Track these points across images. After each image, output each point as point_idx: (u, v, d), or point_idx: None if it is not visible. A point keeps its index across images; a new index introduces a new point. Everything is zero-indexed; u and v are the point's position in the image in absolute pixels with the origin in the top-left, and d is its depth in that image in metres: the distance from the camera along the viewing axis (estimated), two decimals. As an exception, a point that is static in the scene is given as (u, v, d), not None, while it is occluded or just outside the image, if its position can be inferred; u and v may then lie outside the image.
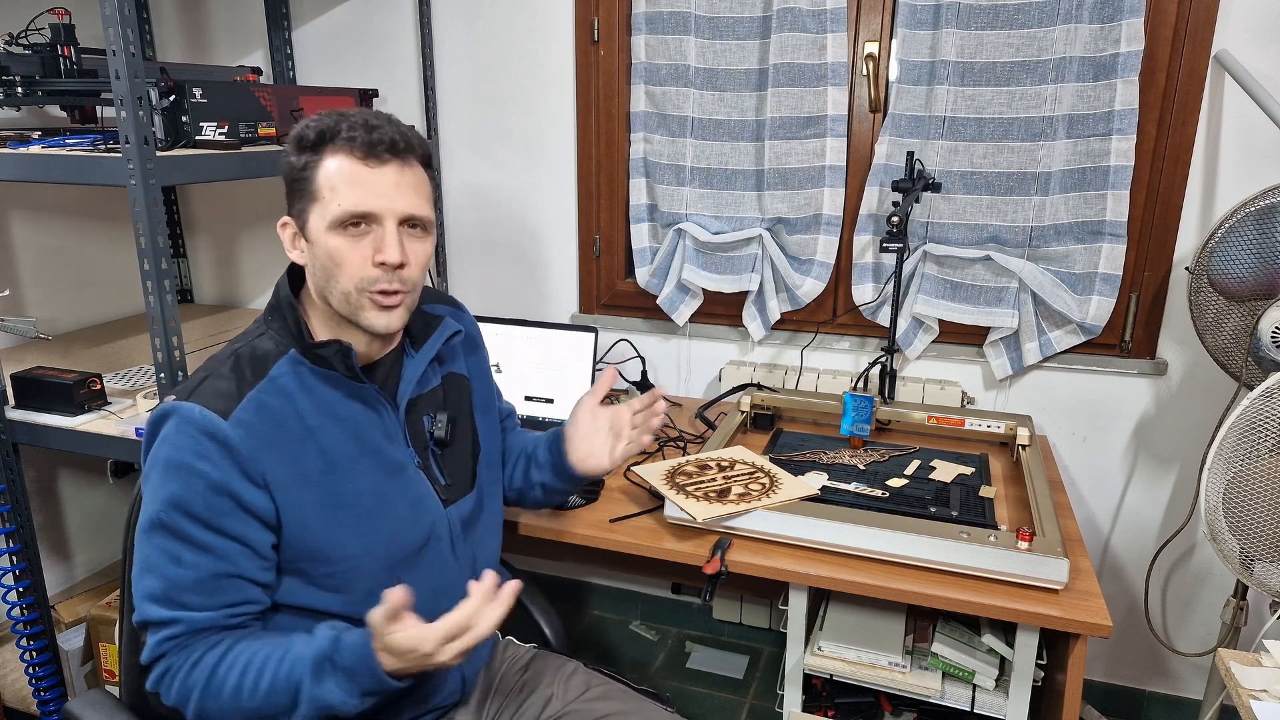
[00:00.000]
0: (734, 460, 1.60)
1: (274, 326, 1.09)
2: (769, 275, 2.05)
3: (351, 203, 1.02)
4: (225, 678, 0.99)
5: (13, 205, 2.11)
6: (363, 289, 1.04)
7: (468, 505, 1.22)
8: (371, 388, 1.09)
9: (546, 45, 2.14)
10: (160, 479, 0.99)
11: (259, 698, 0.98)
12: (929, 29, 1.84)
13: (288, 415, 1.03)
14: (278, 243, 2.53)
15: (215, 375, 1.04)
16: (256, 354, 1.06)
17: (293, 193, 1.07)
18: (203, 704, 0.99)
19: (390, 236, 1.03)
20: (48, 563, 2.19)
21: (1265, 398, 1.31)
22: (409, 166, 1.06)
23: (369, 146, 1.02)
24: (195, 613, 0.99)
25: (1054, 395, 1.97)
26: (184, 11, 2.45)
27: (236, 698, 0.98)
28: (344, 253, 1.03)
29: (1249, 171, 1.75)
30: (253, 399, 1.02)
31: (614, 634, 2.47)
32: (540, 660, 1.32)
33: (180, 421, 0.99)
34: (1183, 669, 2.06)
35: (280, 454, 1.02)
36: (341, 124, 1.03)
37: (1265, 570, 1.36)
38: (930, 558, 1.32)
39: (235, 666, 0.99)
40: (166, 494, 0.98)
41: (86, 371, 1.70)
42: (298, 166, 1.04)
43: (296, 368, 1.05)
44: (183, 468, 0.98)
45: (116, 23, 1.31)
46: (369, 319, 1.06)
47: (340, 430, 1.07)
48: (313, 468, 1.04)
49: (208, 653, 1.00)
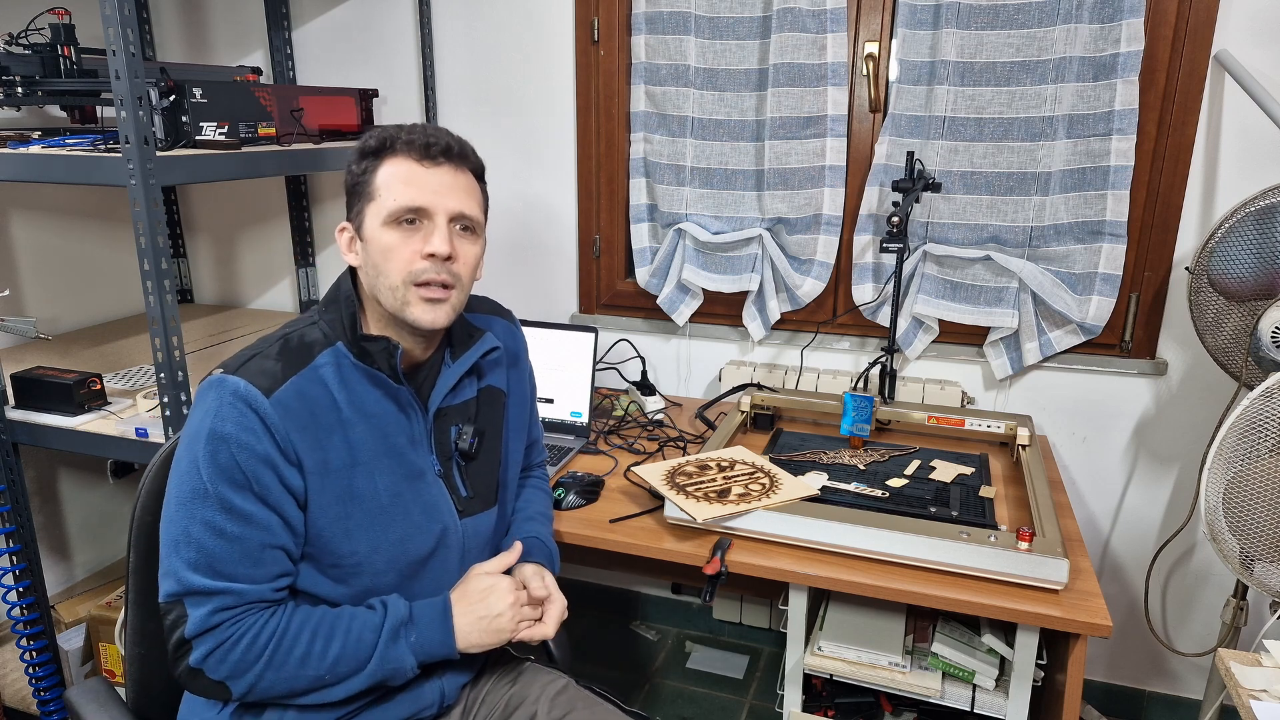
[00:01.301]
0: (734, 460, 1.60)
1: (327, 318, 1.12)
2: (769, 275, 2.05)
3: (406, 198, 1.07)
4: (293, 646, 1.02)
5: (13, 205, 2.11)
6: (409, 281, 1.07)
7: (488, 520, 1.22)
8: (407, 390, 1.11)
9: (546, 45, 2.14)
10: (204, 449, 1.00)
11: (326, 664, 1.02)
12: (929, 29, 1.84)
13: (323, 404, 1.06)
14: (278, 243, 2.54)
15: (263, 355, 1.06)
16: (304, 341, 1.09)
17: (352, 198, 1.12)
18: (262, 675, 1.01)
19: (440, 231, 1.08)
20: (48, 563, 2.19)
21: (1265, 398, 1.31)
22: (462, 172, 1.12)
23: (425, 148, 1.08)
24: (243, 584, 1.01)
25: (1054, 395, 1.97)
26: (184, 11, 2.45)
27: (304, 665, 1.01)
28: (395, 247, 1.07)
29: (1249, 171, 1.75)
30: (294, 383, 1.04)
31: (614, 634, 2.47)
32: (530, 674, 1.28)
33: (226, 394, 1.01)
34: (1183, 669, 2.06)
35: (311, 440, 1.04)
36: (401, 132, 1.10)
37: (1265, 570, 1.36)
38: (930, 558, 1.32)
39: (302, 635, 1.02)
40: (211, 464, 0.99)
41: (86, 371, 1.70)
42: (358, 172, 1.11)
43: (339, 360, 1.08)
44: (228, 439, 0.99)
45: (116, 23, 1.31)
46: (415, 313, 1.08)
47: (368, 427, 1.08)
48: (337, 459, 1.06)
49: (268, 622, 1.02)
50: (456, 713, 1.23)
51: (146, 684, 1.19)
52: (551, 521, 1.39)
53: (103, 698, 1.15)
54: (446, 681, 1.18)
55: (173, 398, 1.49)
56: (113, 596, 2.03)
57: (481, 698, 1.25)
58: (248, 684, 1.01)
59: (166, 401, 1.49)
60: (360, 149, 1.11)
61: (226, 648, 1.00)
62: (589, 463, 1.76)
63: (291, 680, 1.02)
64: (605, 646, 2.43)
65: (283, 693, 1.03)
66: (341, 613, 1.06)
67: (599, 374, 2.09)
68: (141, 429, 1.57)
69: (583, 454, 1.80)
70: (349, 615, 1.06)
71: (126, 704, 1.17)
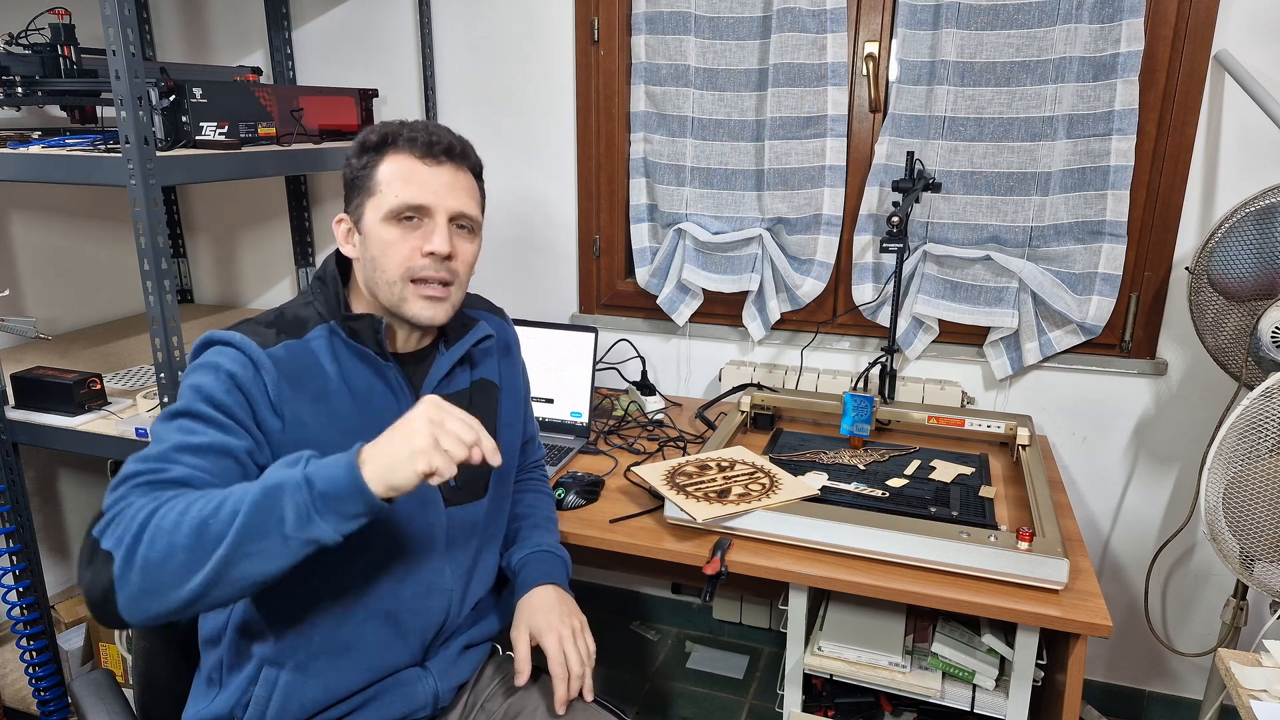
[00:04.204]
0: (734, 460, 1.60)
1: (318, 298, 1.13)
2: (769, 275, 2.05)
3: (408, 195, 1.08)
4: (188, 505, 0.87)
5: (13, 205, 2.11)
6: (407, 277, 1.09)
7: (476, 512, 1.21)
8: (393, 367, 1.12)
9: (546, 45, 2.14)
10: (196, 379, 1.01)
11: (208, 509, 0.86)
12: (929, 29, 1.84)
13: (313, 372, 1.07)
14: (278, 243, 2.54)
15: (256, 322, 1.09)
16: (299, 316, 1.11)
17: (351, 191, 1.13)
18: (147, 530, 0.86)
19: (441, 230, 1.10)
20: (48, 563, 2.19)
21: (1265, 398, 1.31)
22: (462, 172, 1.13)
23: (428, 146, 1.10)
24: (182, 468, 0.93)
25: (1054, 395, 1.97)
26: (184, 11, 2.45)
27: (184, 514, 0.86)
28: (395, 243, 1.09)
29: (1249, 171, 1.75)
30: (287, 346, 1.06)
31: (614, 634, 2.47)
32: (530, 683, 1.24)
33: (221, 344, 1.04)
34: (1183, 669, 2.06)
35: (297, 398, 1.05)
36: (403, 129, 1.10)
37: (1265, 570, 1.36)
38: (930, 558, 1.32)
39: (199, 498, 0.88)
40: (194, 384, 1.00)
41: (86, 371, 1.70)
42: (358, 166, 1.12)
43: (331, 337, 1.10)
44: (216, 368, 1.01)
45: (116, 23, 1.31)
46: (414, 309, 1.10)
47: (354, 402, 1.09)
48: (320, 429, 1.06)
49: (175, 494, 0.90)
50: (453, 716, 1.22)
51: (151, 678, 1.20)
52: (556, 525, 1.39)
53: (104, 690, 1.15)
54: (440, 681, 1.18)
55: (173, 398, 1.49)
56: (113, 596, 2.03)
57: (480, 704, 1.24)
58: (127, 549, 0.85)
59: (166, 401, 1.49)
60: (361, 143, 1.12)
61: (124, 509, 0.89)
62: (589, 463, 1.76)
63: (170, 541, 0.85)
64: (605, 646, 2.40)
65: (162, 576, 0.85)
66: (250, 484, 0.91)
67: (599, 374, 2.08)
68: (141, 429, 1.57)
69: (583, 454, 1.80)
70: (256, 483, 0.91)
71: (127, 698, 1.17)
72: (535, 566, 1.27)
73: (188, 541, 0.85)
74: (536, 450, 1.47)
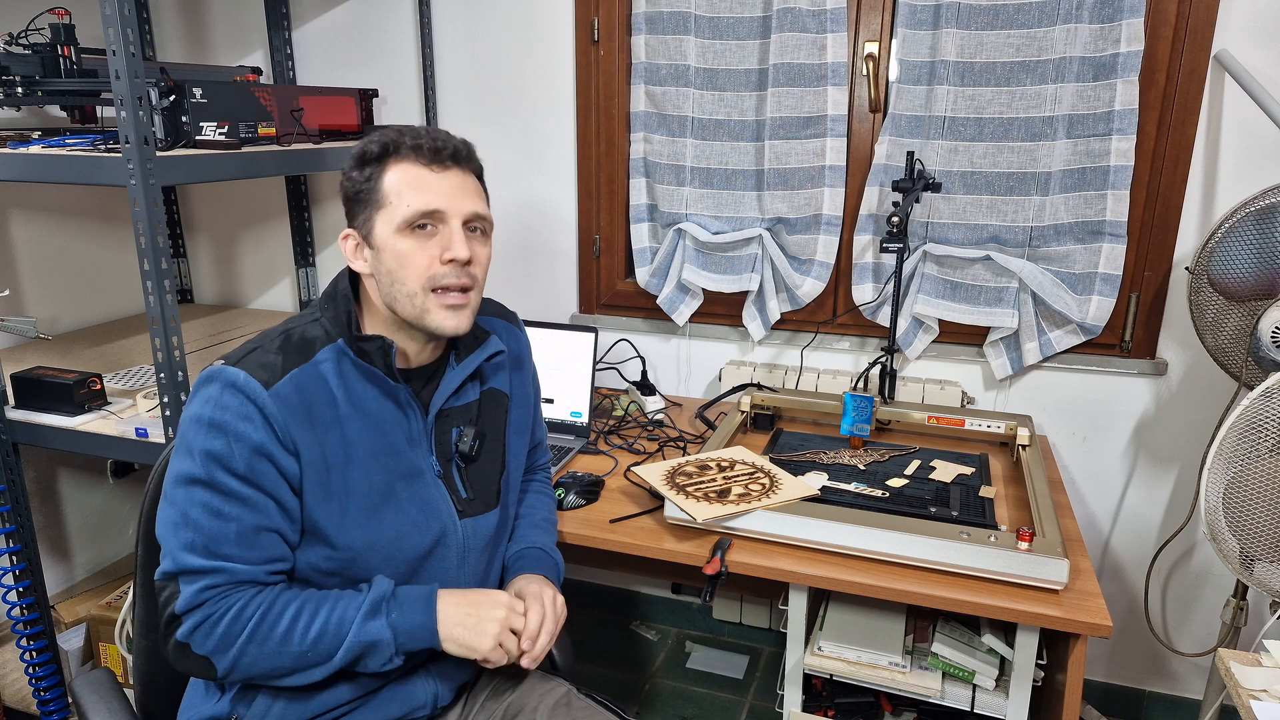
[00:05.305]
0: (734, 460, 1.60)
1: (327, 315, 1.12)
2: (769, 275, 2.05)
3: (420, 203, 1.07)
4: (276, 623, 1.01)
5: (13, 205, 2.11)
6: (428, 288, 1.08)
7: (490, 521, 1.21)
8: (403, 388, 1.11)
9: (546, 45, 2.14)
10: (203, 437, 1.01)
11: (308, 640, 1.01)
12: (929, 29, 1.84)
13: (322, 400, 1.06)
14: (278, 243, 2.54)
15: (264, 349, 1.07)
16: (306, 337, 1.09)
17: (355, 205, 1.11)
18: (244, 650, 1.00)
19: (457, 234, 1.09)
20: (48, 563, 2.19)
21: (1265, 398, 1.31)
22: (468, 175, 1.12)
23: (434, 152, 1.08)
24: (237, 564, 1.01)
25: (1054, 395, 1.97)
26: (184, 11, 2.45)
27: (286, 642, 1.01)
28: (412, 254, 1.07)
29: (1249, 171, 1.75)
30: (293, 377, 1.05)
31: (614, 634, 2.47)
32: (530, 681, 1.25)
33: (225, 384, 1.02)
34: (1183, 669, 2.06)
35: (307, 433, 1.04)
36: (404, 136, 1.08)
37: (1265, 570, 1.36)
38: (930, 558, 1.32)
39: (286, 612, 1.02)
40: (208, 451, 1.00)
41: (86, 371, 1.70)
42: (360, 180, 1.09)
43: (339, 357, 1.09)
44: (226, 428, 1.00)
45: (116, 23, 1.31)
46: (437, 320, 1.09)
47: (365, 423, 1.09)
48: (333, 454, 1.06)
49: (253, 600, 1.02)
50: (452, 716, 1.22)
51: (152, 676, 1.20)
52: (555, 528, 1.39)
53: (105, 690, 1.15)
54: (440, 680, 1.17)
55: (173, 398, 1.49)
56: (113, 596, 2.03)
57: (479, 703, 1.24)
58: (231, 659, 1.00)
59: (166, 401, 1.49)
60: (360, 154, 1.09)
61: (212, 622, 1.00)
62: (589, 463, 1.76)
63: (274, 658, 1.01)
64: (605, 647, 2.43)
65: (266, 671, 1.02)
66: (328, 593, 1.06)
67: (599, 374, 2.09)
68: (141, 429, 1.57)
69: (583, 454, 1.80)
70: (335, 595, 1.06)
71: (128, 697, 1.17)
72: (528, 561, 1.27)
73: (290, 665, 1.03)
74: (543, 454, 1.47)
